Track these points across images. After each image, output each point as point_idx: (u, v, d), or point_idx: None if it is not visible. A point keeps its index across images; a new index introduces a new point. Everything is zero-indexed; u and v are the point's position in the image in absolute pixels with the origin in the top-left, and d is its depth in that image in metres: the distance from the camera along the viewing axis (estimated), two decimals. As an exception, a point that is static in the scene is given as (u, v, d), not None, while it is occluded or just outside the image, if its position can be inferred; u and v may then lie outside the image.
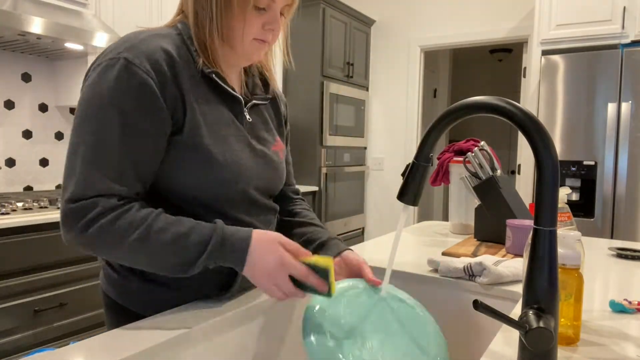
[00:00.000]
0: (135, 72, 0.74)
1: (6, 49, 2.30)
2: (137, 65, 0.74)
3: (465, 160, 1.53)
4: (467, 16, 3.80)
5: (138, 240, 0.73)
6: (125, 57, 0.74)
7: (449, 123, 0.68)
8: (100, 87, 0.73)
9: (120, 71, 0.73)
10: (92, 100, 0.74)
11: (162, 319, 0.79)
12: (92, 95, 0.74)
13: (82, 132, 0.73)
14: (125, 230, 0.73)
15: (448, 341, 1.10)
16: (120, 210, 0.73)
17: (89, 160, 0.72)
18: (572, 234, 0.71)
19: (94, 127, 0.73)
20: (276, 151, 0.97)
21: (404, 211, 0.76)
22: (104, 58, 0.76)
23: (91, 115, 0.73)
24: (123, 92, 0.73)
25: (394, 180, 4.23)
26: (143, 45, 0.76)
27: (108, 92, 0.73)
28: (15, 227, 1.82)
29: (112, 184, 0.73)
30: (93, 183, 0.72)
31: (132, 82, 0.73)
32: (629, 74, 2.65)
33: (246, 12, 0.80)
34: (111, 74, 0.73)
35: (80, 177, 0.72)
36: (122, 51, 0.75)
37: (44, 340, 1.94)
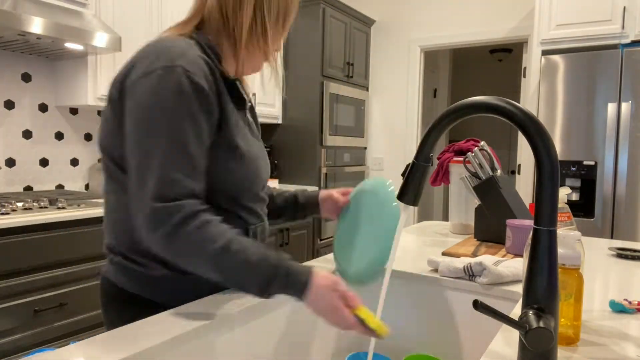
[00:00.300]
0: (195, 80, 0.79)
1: (6, 49, 2.30)
2: (194, 73, 0.79)
3: (465, 160, 1.53)
4: (467, 16, 3.80)
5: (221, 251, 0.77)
6: (182, 65, 0.79)
7: (449, 123, 0.68)
8: (163, 94, 0.77)
9: (182, 78, 0.78)
10: (158, 105, 0.77)
11: (162, 320, 0.79)
12: (156, 100, 0.78)
13: (155, 134, 0.77)
14: (211, 238, 0.77)
15: (448, 341, 1.10)
16: (205, 217, 0.78)
17: (167, 160, 0.76)
18: (572, 234, 0.71)
19: (166, 129, 0.77)
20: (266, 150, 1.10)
21: (404, 211, 0.76)
22: (153, 66, 0.79)
23: (161, 118, 0.77)
24: (188, 96, 0.78)
25: (394, 180, 4.23)
26: (189, 54, 0.81)
27: (174, 97, 0.77)
28: (15, 227, 1.82)
29: (191, 182, 0.78)
30: (174, 182, 0.76)
31: (194, 87, 0.79)
32: (629, 74, 2.65)
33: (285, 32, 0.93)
34: (173, 80, 0.78)
35: (161, 177, 0.76)
36: (175, 59, 0.79)
37: (44, 340, 1.94)
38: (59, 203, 2.07)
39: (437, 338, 1.11)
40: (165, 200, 0.76)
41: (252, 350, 0.89)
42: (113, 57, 2.46)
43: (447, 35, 3.90)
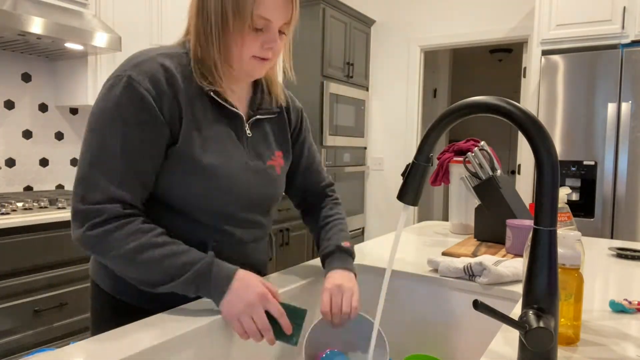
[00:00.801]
0: (137, 89, 0.81)
1: (6, 49, 2.30)
2: (139, 83, 0.81)
3: (465, 160, 1.53)
4: (467, 16, 3.80)
5: (133, 251, 0.78)
6: (129, 74, 0.81)
7: (449, 123, 0.68)
8: (107, 101, 0.81)
9: (124, 87, 0.81)
10: (99, 113, 0.81)
11: (162, 320, 0.79)
12: (99, 108, 0.82)
13: (90, 142, 0.81)
14: (124, 239, 0.78)
15: (448, 341, 1.10)
16: (124, 220, 0.79)
17: (95, 167, 0.80)
18: (572, 234, 0.71)
19: (99, 137, 0.80)
20: (272, 165, 0.99)
21: (404, 211, 0.76)
22: (112, 75, 0.84)
23: (98, 126, 0.81)
24: (125, 106, 0.80)
25: (394, 180, 4.24)
26: (147, 64, 0.83)
27: (112, 106, 0.80)
28: (15, 227, 1.82)
29: (117, 189, 0.80)
30: (99, 188, 0.79)
31: (134, 97, 0.80)
32: (629, 74, 2.65)
33: (243, 33, 0.84)
34: (117, 89, 0.81)
35: (89, 182, 0.79)
36: (127, 69, 0.82)
37: (44, 340, 1.94)
38: (59, 203, 2.07)
39: (437, 338, 1.11)
40: (88, 203, 0.79)
41: (252, 350, 0.89)
42: (113, 57, 2.46)
43: (447, 35, 3.90)
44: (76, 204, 0.79)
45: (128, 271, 0.81)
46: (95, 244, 0.79)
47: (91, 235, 0.78)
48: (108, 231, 0.78)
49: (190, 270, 0.79)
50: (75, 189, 0.80)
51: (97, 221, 0.78)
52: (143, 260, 0.78)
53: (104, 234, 0.78)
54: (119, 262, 0.80)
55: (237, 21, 0.82)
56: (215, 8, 0.82)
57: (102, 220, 0.78)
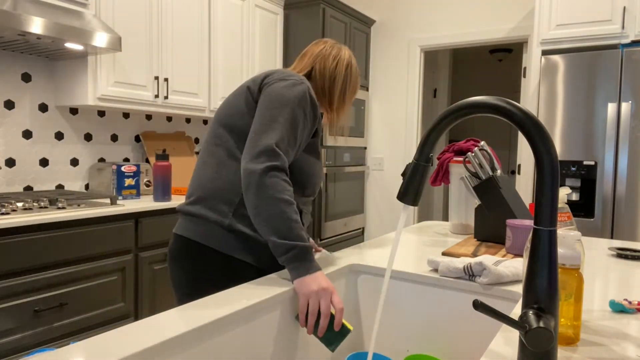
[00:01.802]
0: (312, 95, 1.17)
1: (6, 49, 2.30)
2: (311, 93, 1.17)
3: (465, 160, 1.53)
4: (467, 16, 3.80)
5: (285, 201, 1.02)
6: (306, 84, 1.16)
7: (449, 123, 0.68)
8: (296, 92, 1.12)
9: (305, 92, 1.14)
10: (288, 97, 1.11)
11: (162, 320, 0.79)
12: (289, 94, 1.11)
13: (282, 111, 1.09)
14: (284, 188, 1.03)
15: (448, 341, 1.10)
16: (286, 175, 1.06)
17: (284, 130, 1.08)
18: (572, 234, 0.71)
19: (288, 113, 1.10)
20: None
21: (404, 211, 0.76)
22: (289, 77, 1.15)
23: (288, 105, 1.10)
24: (306, 103, 1.14)
25: (394, 180, 4.23)
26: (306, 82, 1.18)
27: (298, 98, 1.12)
28: (15, 227, 1.82)
29: (288, 152, 1.08)
30: (283, 142, 1.07)
31: (311, 100, 1.15)
32: (629, 74, 2.65)
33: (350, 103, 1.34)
34: (300, 89, 1.13)
35: (279, 135, 1.07)
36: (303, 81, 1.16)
37: (44, 340, 1.94)
38: (59, 203, 2.07)
39: (437, 338, 1.11)
40: (269, 148, 1.04)
41: (252, 350, 0.89)
42: (113, 57, 2.46)
43: (447, 35, 3.90)
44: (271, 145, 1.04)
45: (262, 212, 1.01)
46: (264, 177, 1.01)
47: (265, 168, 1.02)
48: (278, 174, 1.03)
49: (299, 242, 0.99)
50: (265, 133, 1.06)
51: (276, 163, 1.03)
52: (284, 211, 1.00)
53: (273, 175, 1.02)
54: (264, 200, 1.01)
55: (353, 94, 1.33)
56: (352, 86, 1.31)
57: (278, 164, 1.03)
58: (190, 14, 2.88)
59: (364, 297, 1.21)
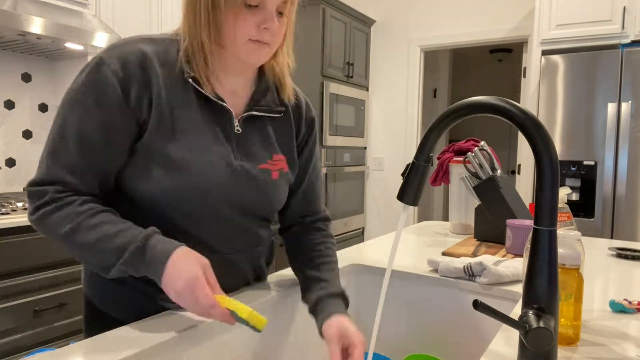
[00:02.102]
0: (103, 71, 0.76)
1: (6, 49, 2.30)
2: (107, 65, 0.76)
3: (465, 160, 1.53)
4: (467, 16, 3.80)
5: (68, 234, 0.74)
6: (101, 56, 0.78)
7: (449, 123, 0.68)
8: (73, 83, 0.79)
9: (92, 69, 0.77)
10: (65, 95, 0.79)
11: (161, 319, 0.79)
12: (68, 90, 0.79)
13: (54, 123, 0.78)
14: (61, 221, 0.75)
15: (448, 341, 1.10)
16: (63, 201, 0.75)
17: (50, 149, 0.77)
18: (572, 234, 0.71)
19: (60, 119, 0.77)
20: (266, 170, 0.88)
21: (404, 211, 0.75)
22: None
23: (61, 108, 0.78)
24: (88, 88, 0.76)
25: (394, 180, 4.23)
26: (123, 47, 0.79)
27: (77, 88, 0.77)
28: (15, 227, 1.82)
29: (66, 174, 0.76)
30: (49, 171, 0.76)
31: (98, 79, 0.76)
32: (629, 74, 2.65)
33: (236, 10, 0.77)
34: (85, 71, 0.78)
35: (42, 164, 0.77)
36: (103, 52, 0.79)
37: (44, 340, 1.94)
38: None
39: (437, 338, 1.11)
40: (34, 185, 0.77)
41: (252, 350, 0.89)
42: (113, 57, 2.46)
43: (447, 35, 3.90)
44: (28, 186, 0.78)
45: (74, 254, 0.78)
46: (38, 227, 0.77)
47: (34, 219, 0.76)
48: (45, 213, 0.75)
49: (121, 258, 0.72)
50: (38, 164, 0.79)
51: (39, 203, 0.75)
52: (78, 244, 0.74)
53: (42, 217, 0.75)
54: (60, 245, 0.77)
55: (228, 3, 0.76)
56: None
57: (42, 202, 0.75)
58: (190, 14, 2.88)
59: (364, 297, 1.21)
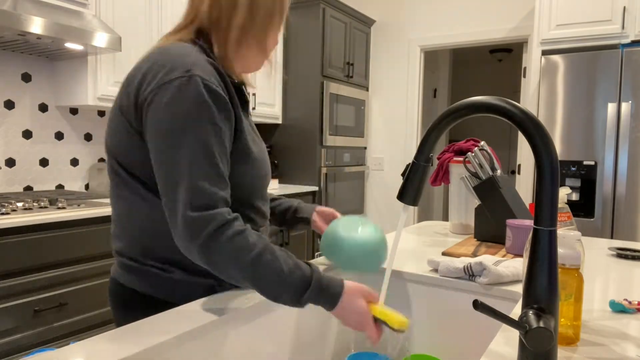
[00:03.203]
0: (212, 87, 0.80)
1: (6, 49, 2.30)
2: (210, 82, 0.80)
3: (465, 160, 1.53)
4: (467, 16, 3.80)
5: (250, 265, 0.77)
6: (198, 74, 0.79)
7: (449, 123, 0.68)
8: (184, 103, 0.78)
9: (200, 87, 0.79)
10: (180, 115, 0.78)
11: (162, 320, 0.79)
12: (178, 110, 0.78)
13: (180, 145, 0.77)
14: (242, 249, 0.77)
15: (448, 341, 1.10)
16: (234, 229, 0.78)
17: (194, 170, 0.77)
18: (572, 234, 0.71)
19: (191, 139, 0.77)
20: None
21: (404, 211, 0.76)
22: (170, 76, 0.79)
23: (185, 128, 0.77)
24: (210, 105, 0.79)
25: (394, 180, 4.23)
26: (200, 62, 0.82)
27: (195, 107, 0.78)
28: (15, 227, 1.82)
29: (218, 190, 0.79)
30: (203, 191, 0.77)
31: (213, 96, 0.80)
32: (629, 74, 2.65)
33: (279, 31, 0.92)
34: (192, 90, 0.78)
35: (190, 187, 0.77)
36: (191, 68, 0.80)
37: (44, 340, 1.94)
38: (59, 203, 2.07)
39: (437, 338, 1.11)
40: (197, 210, 0.76)
41: (253, 350, 0.89)
42: (113, 57, 2.46)
43: (447, 35, 3.90)
44: (187, 213, 0.76)
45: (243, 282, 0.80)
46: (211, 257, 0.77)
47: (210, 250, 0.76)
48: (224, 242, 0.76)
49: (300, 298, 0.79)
50: (175, 195, 0.77)
51: (211, 230, 0.76)
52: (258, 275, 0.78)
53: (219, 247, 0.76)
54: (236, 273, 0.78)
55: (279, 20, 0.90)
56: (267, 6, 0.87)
57: (215, 227, 0.76)
58: (190, 14, 2.88)
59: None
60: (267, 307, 0.91)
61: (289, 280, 0.78)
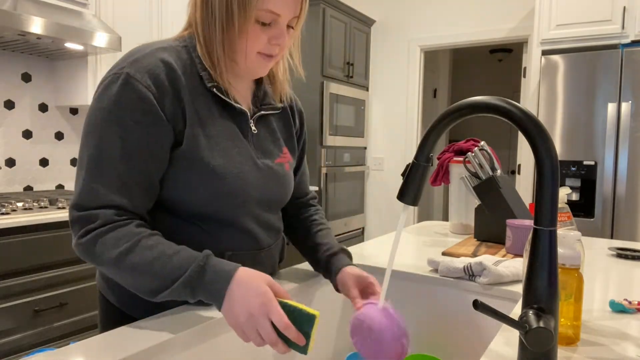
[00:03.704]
0: (136, 87, 0.75)
1: (6, 49, 2.30)
2: (137, 80, 0.76)
3: (465, 160, 1.53)
4: (467, 16, 3.80)
5: (123, 254, 0.73)
6: (127, 72, 0.76)
7: (449, 123, 0.68)
8: (103, 101, 0.76)
9: (122, 86, 0.75)
10: (96, 114, 0.76)
11: (162, 320, 0.79)
12: (95, 109, 0.77)
13: (87, 145, 0.76)
14: (115, 242, 0.73)
15: (448, 341, 1.10)
16: (117, 224, 0.75)
17: (92, 172, 0.75)
18: (572, 234, 0.71)
19: (97, 140, 0.75)
20: (281, 163, 0.95)
21: (404, 211, 0.75)
22: (109, 73, 0.78)
23: (94, 128, 0.76)
24: (124, 106, 0.75)
25: (394, 180, 4.23)
26: (146, 59, 0.78)
27: (109, 106, 0.75)
28: (15, 227, 1.82)
29: (114, 196, 0.75)
30: (95, 194, 0.75)
31: (133, 96, 0.75)
32: (629, 74, 2.65)
33: (248, 28, 0.79)
34: (114, 88, 0.76)
35: (84, 188, 0.75)
36: (125, 66, 0.77)
37: (44, 340, 1.94)
38: (59, 203, 2.07)
39: (437, 338, 1.11)
40: (83, 210, 0.75)
41: (253, 349, 0.89)
42: (113, 57, 2.46)
43: (447, 35, 3.90)
44: (72, 212, 0.75)
45: (121, 278, 0.75)
46: (87, 250, 0.75)
47: (83, 242, 0.74)
48: (98, 235, 0.73)
49: (181, 276, 0.71)
50: (74, 195, 0.76)
51: (90, 227, 0.74)
52: (132, 264, 0.72)
53: (94, 238, 0.73)
54: (110, 268, 0.75)
55: (242, 15, 0.77)
56: (220, 1, 0.78)
57: (94, 226, 0.73)
58: (190, 14, 2.88)
59: (364, 297, 1.20)
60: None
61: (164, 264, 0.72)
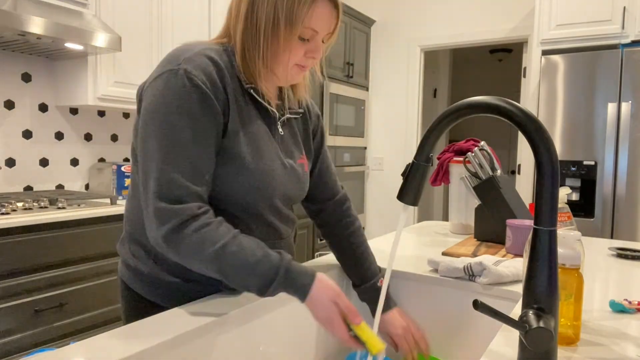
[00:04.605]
0: (195, 82, 0.80)
1: (6, 49, 2.30)
2: (195, 75, 0.81)
3: (465, 160, 1.53)
4: (467, 16, 3.80)
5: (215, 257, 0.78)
6: (185, 68, 0.81)
7: (449, 123, 0.68)
8: (167, 95, 0.80)
9: (183, 80, 0.80)
10: (160, 107, 0.80)
11: (161, 320, 0.79)
12: (159, 103, 0.80)
13: (157, 136, 0.79)
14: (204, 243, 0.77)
15: (448, 341, 1.10)
16: (201, 221, 0.78)
17: (168, 162, 0.78)
18: (572, 234, 0.71)
19: (167, 130, 0.79)
20: (301, 164, 1.01)
21: (404, 211, 0.76)
22: (162, 70, 0.82)
23: (162, 120, 0.79)
24: (189, 98, 0.80)
25: (394, 180, 4.23)
26: (197, 58, 0.83)
27: (175, 100, 0.80)
28: (15, 227, 1.82)
29: (189, 184, 0.79)
30: (172, 183, 0.78)
31: (196, 90, 0.80)
32: (629, 74, 2.65)
33: (292, 44, 0.86)
34: (177, 82, 0.80)
35: (160, 177, 0.78)
36: (181, 63, 0.81)
37: (44, 340, 1.94)
38: (59, 203, 2.07)
39: (437, 338, 1.11)
40: (165, 201, 0.78)
41: (253, 349, 0.89)
42: (113, 57, 2.46)
43: (447, 35, 3.90)
44: (156, 202, 0.78)
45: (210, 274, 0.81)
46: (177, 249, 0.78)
47: (174, 241, 0.77)
48: (188, 234, 0.77)
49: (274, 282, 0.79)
50: (146, 187, 0.79)
51: (176, 223, 0.77)
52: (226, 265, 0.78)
53: (184, 238, 0.77)
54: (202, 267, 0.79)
55: (288, 31, 0.84)
56: (267, 15, 0.83)
57: (180, 221, 0.77)
58: (191, 13, 2.88)
59: (364, 297, 1.20)
60: (266, 307, 0.91)
61: (256, 271, 0.78)
